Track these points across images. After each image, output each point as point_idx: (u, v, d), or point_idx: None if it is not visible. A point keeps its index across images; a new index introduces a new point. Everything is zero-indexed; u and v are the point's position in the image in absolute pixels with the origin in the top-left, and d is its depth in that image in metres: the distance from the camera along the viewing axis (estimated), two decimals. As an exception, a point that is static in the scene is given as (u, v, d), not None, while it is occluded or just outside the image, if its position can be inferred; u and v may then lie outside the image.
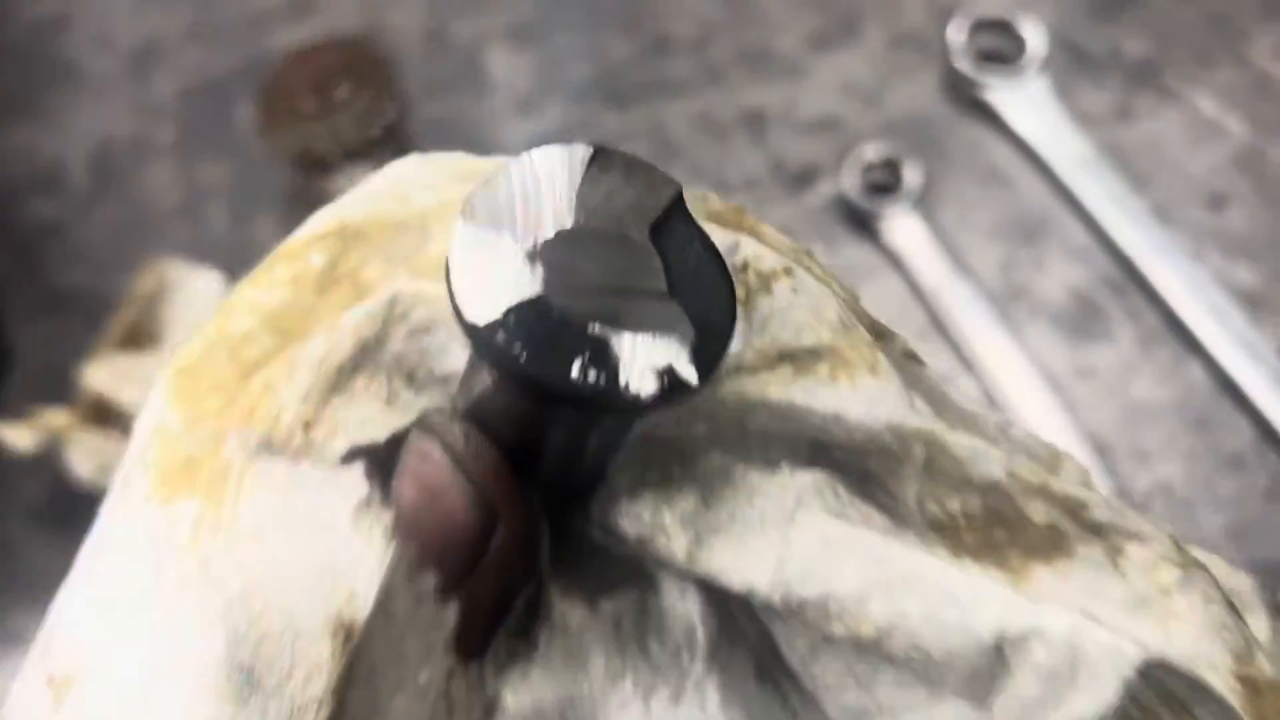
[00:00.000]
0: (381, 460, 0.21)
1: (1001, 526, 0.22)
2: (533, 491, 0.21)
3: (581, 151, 0.19)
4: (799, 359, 0.21)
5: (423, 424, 0.21)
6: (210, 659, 0.19)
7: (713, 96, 0.60)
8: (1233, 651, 0.21)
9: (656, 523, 0.20)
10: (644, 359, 0.17)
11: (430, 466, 0.20)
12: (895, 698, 0.21)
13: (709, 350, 0.18)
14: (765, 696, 0.22)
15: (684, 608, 0.21)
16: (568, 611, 0.21)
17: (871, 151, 0.55)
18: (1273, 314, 0.50)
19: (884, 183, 0.55)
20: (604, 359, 0.17)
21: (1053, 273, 0.52)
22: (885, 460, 0.22)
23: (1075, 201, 0.53)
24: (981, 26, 0.57)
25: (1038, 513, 0.22)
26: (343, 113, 0.54)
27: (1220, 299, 0.50)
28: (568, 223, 0.18)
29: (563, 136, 0.58)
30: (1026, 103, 0.55)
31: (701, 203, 0.23)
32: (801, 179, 0.56)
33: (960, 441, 0.22)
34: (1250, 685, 0.20)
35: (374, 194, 0.24)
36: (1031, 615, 0.20)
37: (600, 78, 0.62)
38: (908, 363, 0.24)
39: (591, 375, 0.17)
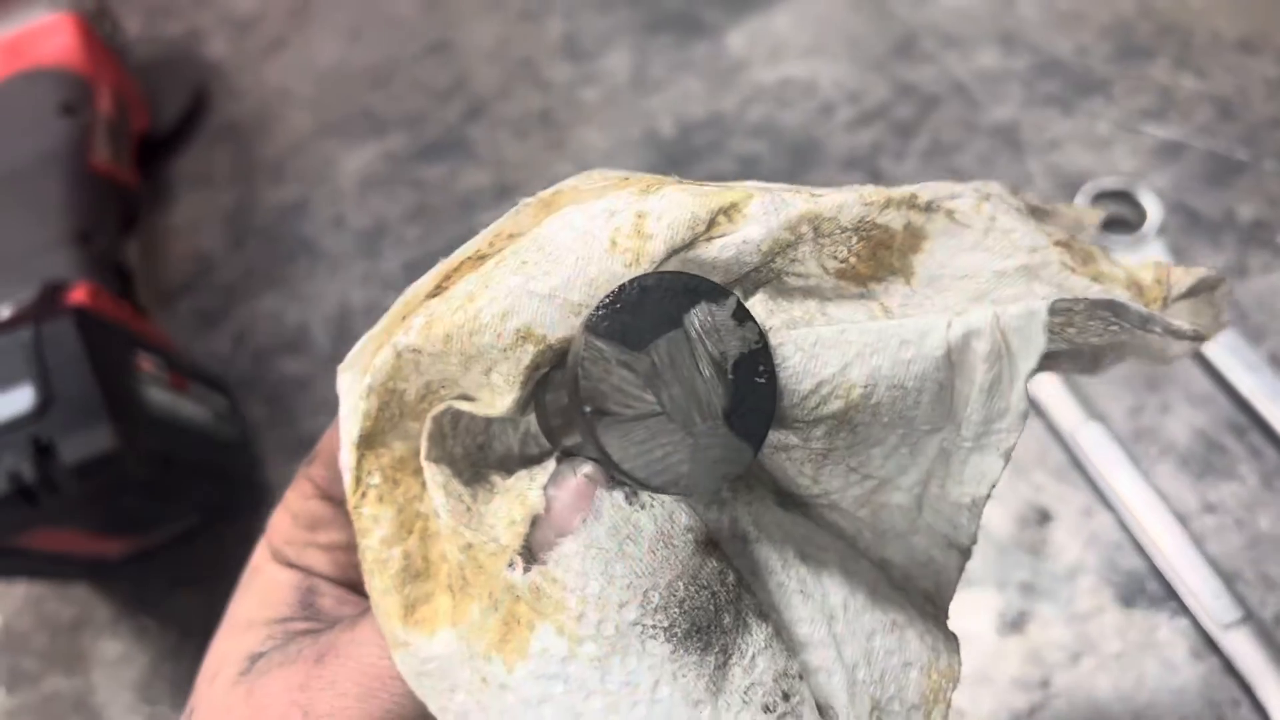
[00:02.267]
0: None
1: (882, 247, 0.30)
2: None
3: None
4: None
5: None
6: None
7: (863, 262, 0.68)
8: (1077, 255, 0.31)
9: None
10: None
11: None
12: (888, 468, 0.29)
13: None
14: (791, 517, 0.30)
15: None
16: None
17: (1008, 310, 0.62)
18: (1387, 453, 0.55)
19: (1020, 337, 0.62)
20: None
21: (1178, 417, 0.58)
22: (788, 252, 0.29)
23: (1197, 351, 0.60)
24: (1104, 197, 0.64)
25: (894, 220, 0.30)
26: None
27: (1337, 439, 0.55)
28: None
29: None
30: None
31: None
32: (946, 334, 0.64)
33: (828, 202, 0.30)
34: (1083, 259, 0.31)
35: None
36: (961, 323, 0.27)
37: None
38: None
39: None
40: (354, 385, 0.31)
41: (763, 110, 0.78)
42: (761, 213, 0.29)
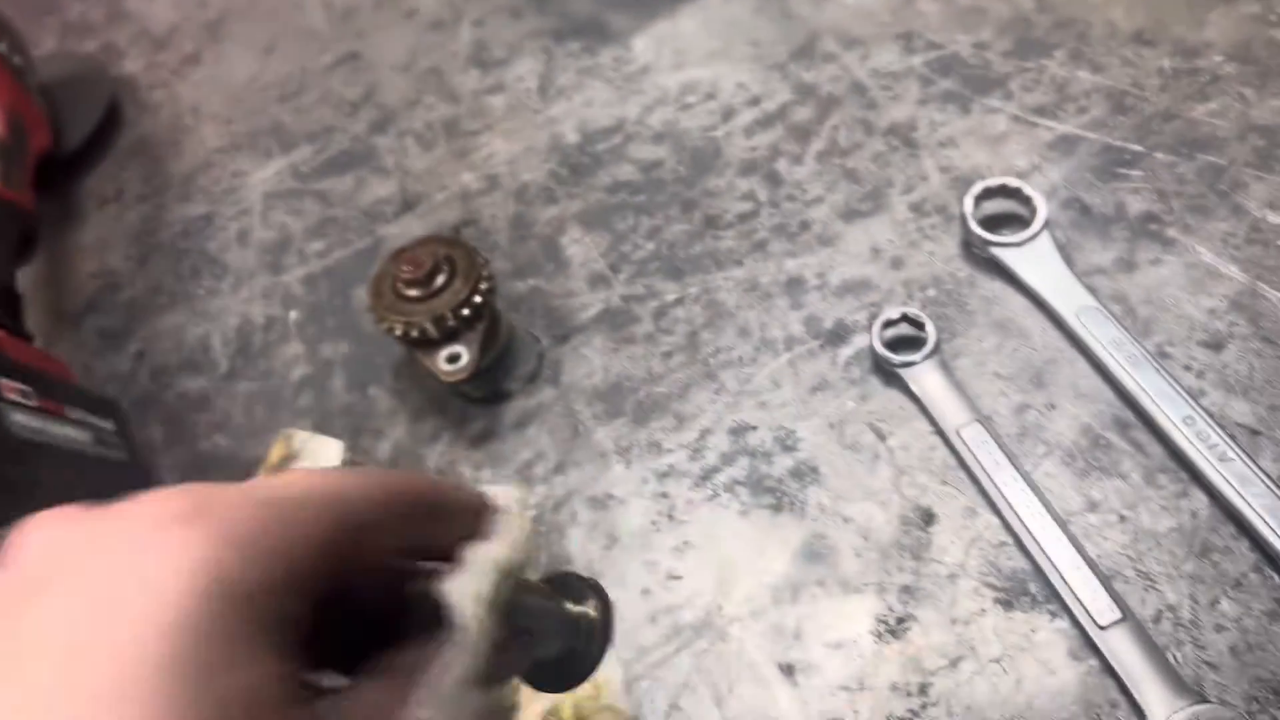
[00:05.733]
0: None
1: None
2: None
3: None
4: None
5: None
6: None
7: (758, 266, 0.68)
8: None
9: None
10: None
11: None
12: None
13: None
14: None
15: None
16: None
17: (896, 310, 0.61)
18: (1269, 446, 0.54)
19: (909, 337, 0.61)
20: None
21: (1064, 414, 0.58)
22: None
23: (1084, 347, 0.59)
24: (992, 192, 0.64)
25: None
26: (439, 297, 0.63)
27: (1220, 433, 0.54)
28: None
29: (630, 305, 0.67)
30: (1035, 259, 0.62)
31: None
32: (836, 336, 0.63)
33: None
34: None
35: None
36: None
37: (660, 253, 0.70)
38: None
39: None
40: None
41: (665, 115, 0.77)
42: None
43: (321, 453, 0.65)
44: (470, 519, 0.33)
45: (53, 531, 0.27)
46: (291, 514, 0.27)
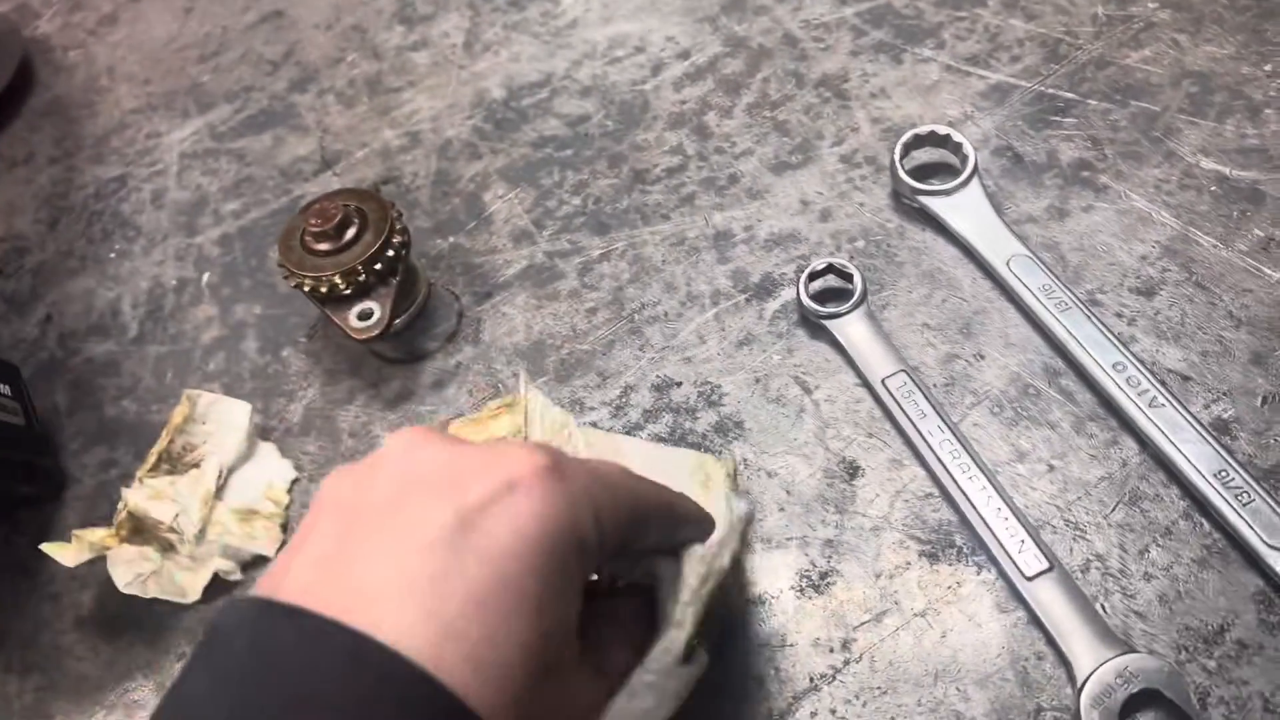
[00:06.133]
0: None
1: None
2: None
3: None
4: None
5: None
6: None
7: (685, 220, 0.65)
8: None
9: None
10: None
11: None
12: None
13: None
14: None
15: None
16: None
17: (823, 261, 0.59)
18: (1200, 392, 0.53)
19: (837, 288, 0.59)
20: None
21: (993, 363, 0.56)
22: None
23: (1013, 296, 0.57)
24: (922, 140, 0.62)
25: None
26: (349, 251, 0.60)
27: (1150, 380, 0.53)
28: None
29: (554, 261, 0.64)
30: (964, 208, 0.60)
31: None
32: (763, 289, 0.61)
33: None
34: None
35: None
36: None
37: (586, 208, 0.68)
38: None
39: None
40: None
41: (593, 69, 0.75)
42: None
43: (228, 415, 0.62)
44: (699, 531, 0.42)
45: (417, 441, 0.35)
46: (616, 497, 0.36)
